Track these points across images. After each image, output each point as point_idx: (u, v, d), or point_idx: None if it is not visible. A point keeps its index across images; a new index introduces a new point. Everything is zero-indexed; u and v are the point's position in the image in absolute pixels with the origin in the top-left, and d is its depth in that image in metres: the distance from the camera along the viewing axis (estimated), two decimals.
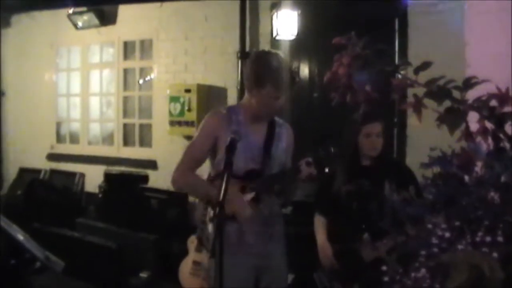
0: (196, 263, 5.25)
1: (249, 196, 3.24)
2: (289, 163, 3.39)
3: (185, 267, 5.38)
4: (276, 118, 3.43)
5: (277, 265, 3.38)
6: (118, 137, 8.03)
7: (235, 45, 6.57)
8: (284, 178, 3.28)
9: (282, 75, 3.15)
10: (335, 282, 3.64)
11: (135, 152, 7.81)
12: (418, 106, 1.44)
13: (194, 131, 6.19)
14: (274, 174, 3.24)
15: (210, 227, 3.42)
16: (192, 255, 5.39)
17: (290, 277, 5.02)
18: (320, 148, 3.10)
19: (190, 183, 3.36)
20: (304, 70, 6.34)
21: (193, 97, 6.75)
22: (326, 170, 3.09)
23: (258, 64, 3.21)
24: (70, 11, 7.78)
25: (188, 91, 6.80)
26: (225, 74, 6.76)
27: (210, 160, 3.37)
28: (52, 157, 8.57)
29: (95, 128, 8.48)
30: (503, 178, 1.34)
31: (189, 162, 3.30)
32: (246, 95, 3.31)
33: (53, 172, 8.21)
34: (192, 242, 5.47)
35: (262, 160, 3.24)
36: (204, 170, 3.43)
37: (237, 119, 3.26)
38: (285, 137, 3.40)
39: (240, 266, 3.16)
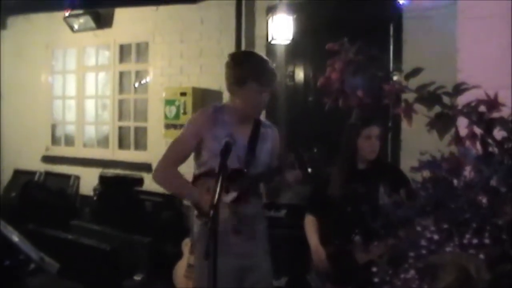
0: (190, 265, 5.25)
1: (232, 195, 3.25)
2: (274, 165, 3.41)
3: (180, 269, 5.38)
4: (263, 119, 3.45)
5: (261, 265, 3.37)
6: (113, 140, 8.03)
7: (231, 48, 6.57)
8: (267, 178, 3.30)
9: (262, 69, 3.17)
10: (328, 284, 3.66)
11: (130, 155, 7.81)
12: (408, 111, 1.46)
13: None
14: (257, 174, 3.25)
15: (195, 228, 3.42)
16: (187, 258, 5.40)
17: (284, 280, 5.05)
18: (301, 149, 3.13)
19: (169, 180, 3.38)
20: (300, 74, 6.36)
21: (189, 100, 6.76)
22: (309, 170, 3.10)
23: (235, 63, 3.25)
24: (67, 13, 7.79)
25: (183, 94, 6.81)
26: (221, 77, 6.65)
27: (194, 159, 3.38)
28: (47, 159, 8.56)
29: (90, 131, 8.48)
30: (491, 182, 1.37)
31: (172, 158, 3.32)
32: (230, 96, 3.33)
33: (48, 174, 8.20)
34: (186, 244, 5.47)
35: (246, 161, 3.25)
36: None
37: (222, 119, 3.27)
38: (270, 138, 3.41)
39: (223, 267, 3.15)
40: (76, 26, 7.92)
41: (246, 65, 3.19)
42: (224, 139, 2.95)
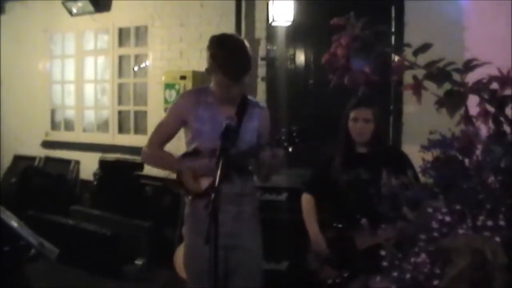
0: None
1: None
2: (264, 143, 3.34)
3: (181, 254, 5.36)
4: (250, 98, 3.41)
5: (247, 244, 3.32)
6: (113, 124, 7.99)
7: (231, 32, 6.52)
8: (246, 156, 3.25)
9: (235, 63, 3.10)
10: (327, 267, 3.63)
11: (130, 139, 7.77)
12: (418, 88, 1.41)
13: None
14: (241, 152, 3.20)
15: (186, 209, 3.40)
16: None
17: (285, 264, 5.03)
18: (283, 129, 3.07)
19: (155, 157, 3.42)
20: (300, 57, 6.29)
21: (188, 84, 6.70)
22: (290, 150, 3.04)
23: (213, 49, 3.19)
24: None
25: (183, 78, 6.75)
26: None
27: (185, 139, 3.39)
28: (46, 144, 8.53)
29: (90, 115, 8.45)
30: (503, 163, 1.31)
31: (157, 139, 3.39)
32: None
33: (48, 159, 8.19)
34: None
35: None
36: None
37: (205, 100, 3.27)
38: (257, 117, 3.34)
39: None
40: (74, 10, 7.86)
41: (221, 55, 3.12)
42: (225, 121, 2.91)
